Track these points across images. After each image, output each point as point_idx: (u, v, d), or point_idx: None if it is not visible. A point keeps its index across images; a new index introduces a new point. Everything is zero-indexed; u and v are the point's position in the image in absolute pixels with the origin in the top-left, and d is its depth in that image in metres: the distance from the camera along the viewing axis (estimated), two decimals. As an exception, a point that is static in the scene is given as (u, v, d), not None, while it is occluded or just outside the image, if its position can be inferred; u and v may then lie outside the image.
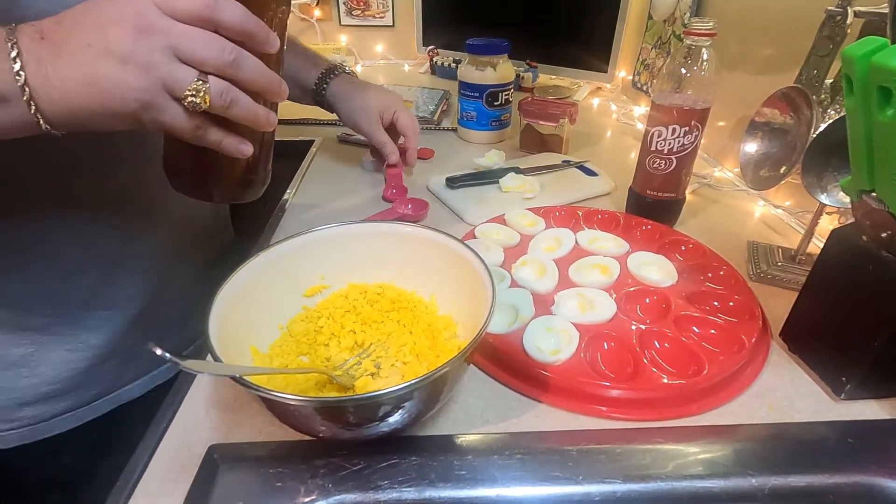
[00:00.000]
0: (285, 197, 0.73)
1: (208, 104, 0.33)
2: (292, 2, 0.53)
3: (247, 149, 0.37)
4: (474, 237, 0.59)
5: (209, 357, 0.32)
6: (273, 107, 0.39)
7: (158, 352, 0.25)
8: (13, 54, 0.30)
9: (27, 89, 0.31)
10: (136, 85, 0.32)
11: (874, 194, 0.36)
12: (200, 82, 0.32)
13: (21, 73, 0.31)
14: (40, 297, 0.48)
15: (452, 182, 0.73)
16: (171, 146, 0.39)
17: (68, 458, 0.53)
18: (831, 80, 0.53)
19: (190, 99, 0.32)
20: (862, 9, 0.48)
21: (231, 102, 0.34)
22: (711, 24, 0.52)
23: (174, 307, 0.58)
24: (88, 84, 0.31)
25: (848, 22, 0.49)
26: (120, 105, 0.32)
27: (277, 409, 0.33)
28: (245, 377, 0.30)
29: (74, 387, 0.52)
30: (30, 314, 0.47)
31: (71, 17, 0.32)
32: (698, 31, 0.53)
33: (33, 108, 0.31)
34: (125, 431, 0.38)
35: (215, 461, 0.35)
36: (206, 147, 0.36)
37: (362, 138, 0.93)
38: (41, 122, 0.32)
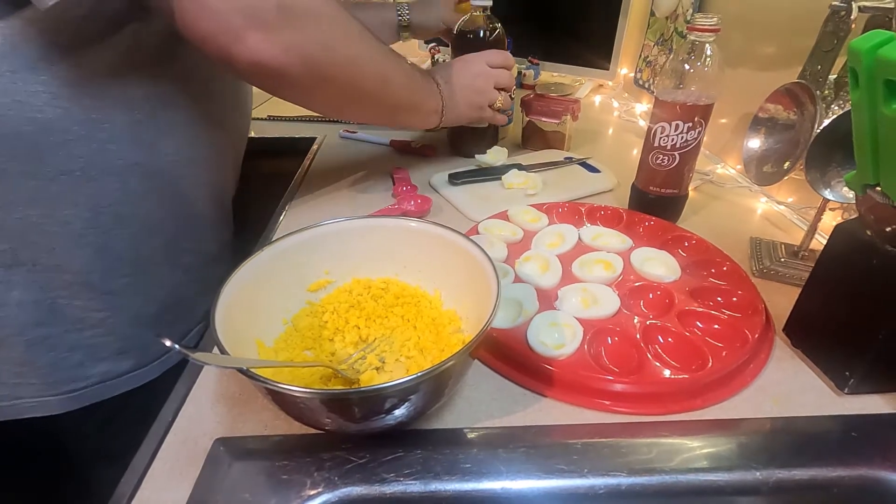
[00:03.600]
0: (287, 194, 0.73)
1: (502, 105, 0.76)
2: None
3: (505, 118, 0.80)
4: (477, 233, 0.59)
5: (216, 350, 0.32)
6: None
7: (167, 343, 0.25)
8: (440, 91, 0.67)
9: (443, 108, 0.68)
10: (485, 102, 0.73)
11: (879, 188, 0.36)
12: (501, 96, 0.74)
13: (442, 101, 0.68)
14: (125, 254, 0.50)
15: (455, 178, 0.73)
16: (457, 130, 0.83)
17: (118, 428, 0.54)
18: (835, 76, 0.53)
19: (498, 104, 0.75)
20: (866, 3, 0.48)
21: (508, 101, 0.77)
22: (715, 19, 0.52)
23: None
24: (469, 106, 0.72)
25: (852, 17, 0.49)
26: (476, 113, 0.73)
27: (284, 402, 0.33)
28: (252, 370, 0.30)
29: (141, 345, 0.54)
30: (115, 274, 0.50)
31: (452, 74, 0.69)
32: (702, 27, 0.53)
33: (443, 116, 0.69)
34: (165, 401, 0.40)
35: (221, 454, 0.35)
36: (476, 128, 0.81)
37: (365, 135, 0.93)
38: (440, 124, 0.70)
